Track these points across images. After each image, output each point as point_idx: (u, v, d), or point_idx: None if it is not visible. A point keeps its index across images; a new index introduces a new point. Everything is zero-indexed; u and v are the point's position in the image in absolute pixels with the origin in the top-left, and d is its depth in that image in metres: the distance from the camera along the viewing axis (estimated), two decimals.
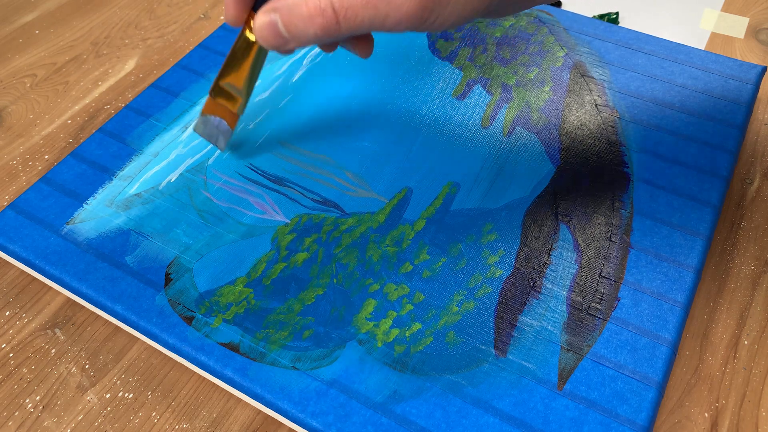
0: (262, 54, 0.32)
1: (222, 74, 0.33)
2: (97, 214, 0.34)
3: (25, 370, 0.32)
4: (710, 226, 0.33)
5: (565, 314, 0.30)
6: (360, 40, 0.30)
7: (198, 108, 0.39)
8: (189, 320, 0.30)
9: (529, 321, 0.30)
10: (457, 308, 0.31)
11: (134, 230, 0.34)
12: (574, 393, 0.28)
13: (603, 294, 0.31)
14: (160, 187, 0.36)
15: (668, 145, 0.36)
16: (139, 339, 0.33)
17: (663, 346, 0.29)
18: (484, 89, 0.40)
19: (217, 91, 0.34)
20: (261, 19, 0.27)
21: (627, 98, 0.39)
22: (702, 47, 0.46)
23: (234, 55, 0.32)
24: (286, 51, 0.28)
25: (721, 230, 0.36)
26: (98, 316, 0.33)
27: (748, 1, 0.49)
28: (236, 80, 0.33)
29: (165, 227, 0.34)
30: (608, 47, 0.41)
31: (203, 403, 0.31)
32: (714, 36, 0.47)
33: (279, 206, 0.35)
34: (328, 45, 0.31)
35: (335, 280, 0.32)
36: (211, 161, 0.37)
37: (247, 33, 0.31)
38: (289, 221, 0.34)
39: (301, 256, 0.33)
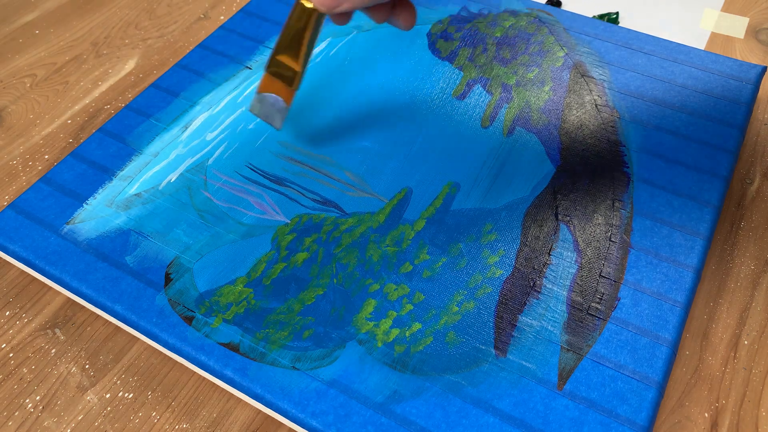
0: (318, 22, 0.32)
1: (278, 48, 0.33)
2: (97, 214, 0.34)
3: (25, 370, 0.32)
4: (710, 226, 0.33)
5: (565, 314, 0.30)
6: (404, 9, 0.30)
7: (198, 108, 0.39)
8: (189, 320, 0.30)
9: (529, 321, 0.30)
10: (457, 308, 0.31)
11: (134, 230, 0.34)
12: (574, 393, 0.28)
13: (603, 294, 0.31)
14: (160, 187, 0.36)
15: (668, 145, 0.36)
16: (139, 339, 0.33)
17: (663, 346, 0.29)
18: (484, 89, 0.40)
19: (273, 65, 0.33)
20: None
21: (627, 98, 0.39)
22: (702, 47, 0.46)
23: (289, 26, 0.32)
24: (341, 16, 0.28)
25: (721, 230, 0.36)
26: (98, 316, 0.33)
27: (748, 1, 0.49)
28: (293, 53, 0.32)
29: (165, 227, 0.34)
30: (608, 47, 0.41)
31: (203, 403, 0.31)
32: (714, 36, 0.47)
33: (279, 206, 0.35)
34: (378, 13, 0.30)
35: (335, 280, 0.32)
36: (211, 161, 0.37)
37: (303, 1, 0.31)
38: (289, 221, 0.34)
39: (301, 256, 0.33)
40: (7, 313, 0.34)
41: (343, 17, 0.29)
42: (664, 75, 0.40)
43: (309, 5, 0.31)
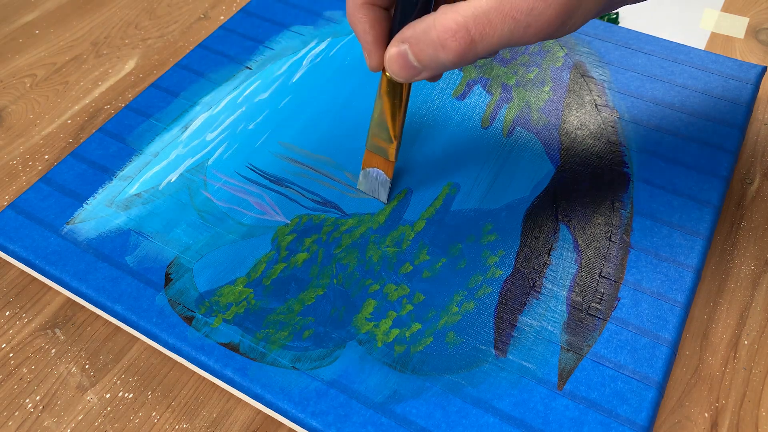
0: (407, 92, 0.31)
1: (374, 123, 0.32)
2: (97, 214, 0.34)
3: (25, 370, 0.32)
4: (710, 226, 0.33)
5: (565, 314, 0.30)
6: None
7: (198, 108, 0.39)
8: (189, 320, 0.30)
9: (529, 321, 0.30)
10: (457, 308, 0.31)
11: (134, 230, 0.34)
12: (574, 393, 0.28)
13: (603, 294, 0.31)
14: (160, 187, 0.36)
15: (668, 145, 0.36)
16: (139, 339, 0.33)
17: (663, 346, 0.29)
18: (484, 89, 0.40)
19: (371, 144, 0.33)
20: (390, 52, 0.26)
21: (627, 98, 0.39)
22: (702, 47, 0.46)
23: (381, 101, 0.31)
24: (429, 78, 0.27)
25: (721, 230, 0.36)
26: (98, 316, 0.33)
27: (748, 1, 0.49)
28: (388, 125, 0.32)
29: (165, 227, 0.34)
30: (608, 47, 0.41)
31: (203, 403, 0.31)
32: (714, 36, 0.47)
33: (279, 206, 0.35)
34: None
35: (335, 281, 0.32)
36: (210, 161, 0.37)
37: (387, 74, 0.29)
38: (289, 222, 0.34)
39: (301, 257, 0.33)
40: (7, 313, 0.34)
41: (431, 78, 0.27)
42: (664, 75, 0.40)
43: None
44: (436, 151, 0.37)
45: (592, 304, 0.30)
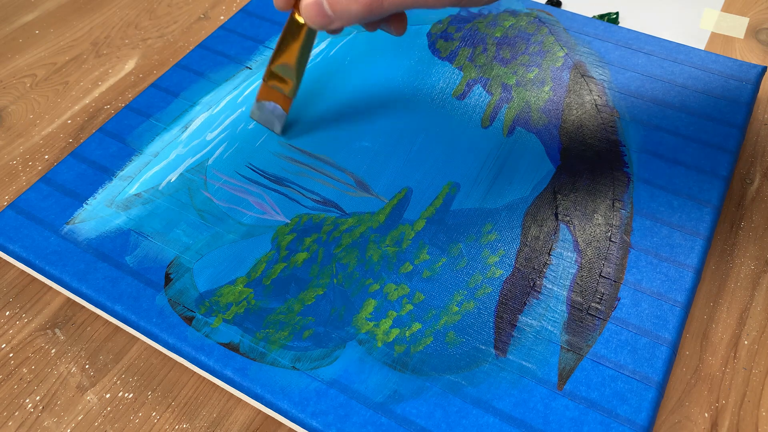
0: (311, 36, 0.33)
1: (273, 59, 0.35)
2: (97, 214, 0.34)
3: (25, 370, 0.32)
4: (710, 226, 0.33)
5: (565, 314, 0.30)
6: (395, 18, 0.31)
7: (198, 108, 0.39)
8: (189, 320, 0.30)
9: (529, 321, 0.30)
10: (457, 308, 0.31)
11: (134, 230, 0.34)
12: (574, 393, 0.28)
13: (603, 294, 0.31)
14: (160, 187, 0.36)
15: (668, 145, 0.36)
16: (139, 339, 0.33)
17: (663, 346, 0.29)
18: (484, 89, 0.40)
19: (269, 76, 0.35)
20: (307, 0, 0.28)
21: (627, 98, 0.39)
22: (702, 47, 0.46)
23: (284, 39, 0.34)
24: (333, 30, 0.29)
25: (721, 230, 0.36)
26: (98, 316, 0.33)
27: (748, 1, 0.49)
28: (287, 63, 0.34)
29: (165, 227, 0.34)
30: (608, 47, 0.41)
31: (203, 403, 0.31)
32: (714, 36, 0.47)
33: (279, 206, 0.35)
34: (371, 24, 0.32)
35: (335, 280, 0.32)
36: (211, 161, 0.37)
37: (296, 16, 0.33)
38: (289, 221, 0.34)
39: (301, 256, 0.33)
40: (7, 313, 0.34)
41: (335, 30, 0.30)
42: (664, 75, 0.40)
43: (302, 20, 0.32)
44: (436, 151, 0.37)
45: (592, 304, 0.30)
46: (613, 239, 0.33)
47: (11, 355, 0.32)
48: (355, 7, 0.27)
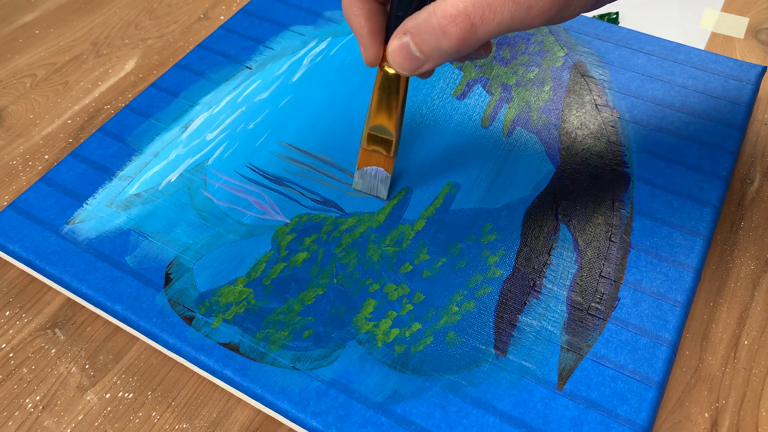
0: (405, 87, 0.30)
1: (369, 119, 0.32)
2: (97, 214, 0.34)
3: (25, 370, 0.32)
4: (710, 226, 0.33)
5: (565, 314, 0.30)
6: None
7: (198, 108, 0.39)
8: (189, 320, 0.30)
9: (529, 321, 0.30)
10: (457, 308, 0.31)
11: (134, 230, 0.34)
12: (574, 393, 0.28)
13: (603, 294, 0.31)
14: (160, 187, 0.36)
15: (668, 145, 0.36)
16: (139, 339, 0.33)
17: (663, 346, 0.29)
18: (484, 89, 0.40)
19: (368, 140, 0.33)
20: (393, 44, 0.26)
21: (627, 98, 0.39)
22: (702, 47, 0.46)
23: (377, 95, 0.31)
24: (425, 73, 0.27)
25: (721, 230, 0.36)
26: (98, 316, 0.33)
27: (748, 1, 0.49)
28: (385, 121, 0.31)
29: (165, 227, 0.34)
30: (608, 47, 0.41)
31: (203, 403, 0.31)
32: (714, 36, 0.47)
33: (279, 206, 0.35)
34: (462, 57, 0.28)
35: (335, 280, 0.32)
36: (211, 161, 0.37)
37: (386, 68, 0.30)
38: (289, 221, 0.34)
39: (301, 256, 0.33)
40: (7, 313, 0.34)
41: (427, 73, 0.28)
42: (664, 75, 0.40)
43: (392, 71, 0.29)
44: (436, 151, 0.37)
45: (592, 304, 0.30)
46: (613, 239, 0.33)
47: (11, 355, 0.32)
48: (446, 43, 0.24)
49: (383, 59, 0.29)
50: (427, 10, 0.24)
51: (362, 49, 0.28)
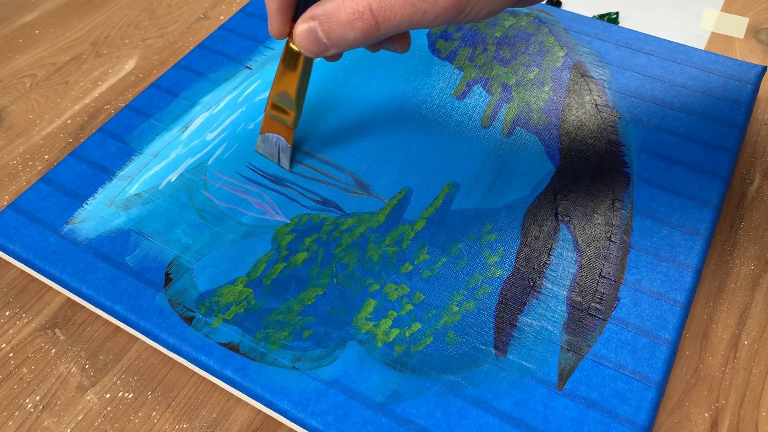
0: (308, 64, 0.32)
1: (273, 90, 0.34)
2: (97, 214, 0.34)
3: (25, 370, 0.32)
4: (710, 226, 0.33)
5: (565, 314, 0.30)
6: (399, 36, 0.30)
7: (198, 107, 0.39)
8: (189, 320, 0.30)
9: (529, 321, 0.30)
10: (457, 308, 0.31)
11: (134, 230, 0.34)
12: (574, 393, 0.28)
13: (603, 294, 0.31)
14: (160, 187, 0.36)
15: (668, 145, 0.36)
16: (139, 339, 0.33)
17: (663, 346, 0.29)
18: (484, 89, 0.40)
19: (270, 108, 0.35)
20: (300, 27, 0.27)
21: (627, 98, 0.39)
22: (702, 47, 0.46)
23: (282, 69, 0.33)
24: (330, 57, 0.28)
25: (721, 230, 0.36)
26: (98, 316, 0.33)
27: (748, 1, 0.49)
28: (287, 92, 0.33)
29: (165, 227, 0.34)
30: (608, 47, 0.41)
31: (203, 403, 0.31)
32: (714, 36, 0.47)
33: (279, 206, 0.35)
34: (373, 45, 0.31)
35: (335, 280, 0.32)
36: (211, 161, 0.37)
37: (291, 45, 0.31)
38: (289, 221, 0.34)
39: (301, 256, 0.33)
40: (7, 313, 0.34)
41: (334, 57, 0.29)
42: (664, 75, 0.40)
43: (296, 49, 0.31)
44: (436, 151, 0.37)
45: (592, 304, 0.30)
46: (613, 239, 0.33)
47: (11, 355, 0.32)
48: (352, 35, 0.26)
49: (289, 35, 0.30)
50: (336, 1, 0.26)
51: (270, 21, 0.30)
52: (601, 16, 0.48)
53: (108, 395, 0.31)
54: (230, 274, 0.32)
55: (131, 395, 0.31)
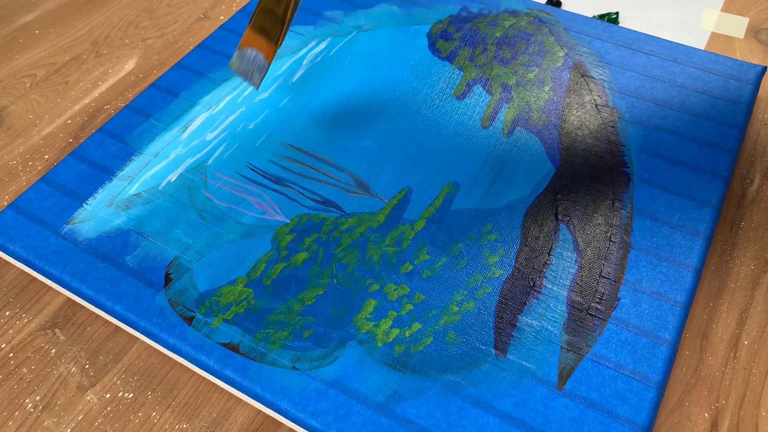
0: None
1: (264, 2, 0.32)
2: (97, 214, 0.34)
3: (25, 370, 0.32)
4: (710, 226, 0.33)
5: (565, 314, 0.30)
6: None
7: (198, 107, 0.39)
8: (189, 320, 0.30)
9: (529, 321, 0.30)
10: (457, 308, 0.31)
11: (134, 230, 0.34)
12: (574, 393, 0.28)
13: (603, 294, 0.31)
14: (160, 187, 0.36)
15: (668, 145, 0.36)
16: (139, 339, 0.33)
17: (663, 346, 0.29)
18: (484, 89, 0.40)
19: (258, 21, 0.33)
20: None
21: (627, 98, 0.39)
22: (702, 47, 0.46)
23: None
24: None
25: (721, 230, 0.36)
26: (98, 316, 0.33)
27: (748, 1, 0.49)
28: (279, 6, 0.32)
29: (165, 227, 0.34)
30: (608, 47, 0.41)
31: (203, 403, 0.31)
32: (714, 36, 0.47)
33: (279, 206, 0.35)
34: None
35: (335, 280, 0.32)
36: (211, 161, 0.37)
37: None
38: (289, 221, 0.34)
39: (301, 256, 0.33)
40: (7, 313, 0.34)
41: None
42: (664, 75, 0.40)
43: None
44: (436, 151, 0.37)
45: (592, 304, 0.30)
46: (613, 239, 0.33)
47: (11, 355, 0.32)
48: None
49: None
50: None
51: None
52: (601, 16, 0.48)
53: (108, 395, 0.31)
54: (230, 274, 0.32)
55: (131, 395, 0.31)
